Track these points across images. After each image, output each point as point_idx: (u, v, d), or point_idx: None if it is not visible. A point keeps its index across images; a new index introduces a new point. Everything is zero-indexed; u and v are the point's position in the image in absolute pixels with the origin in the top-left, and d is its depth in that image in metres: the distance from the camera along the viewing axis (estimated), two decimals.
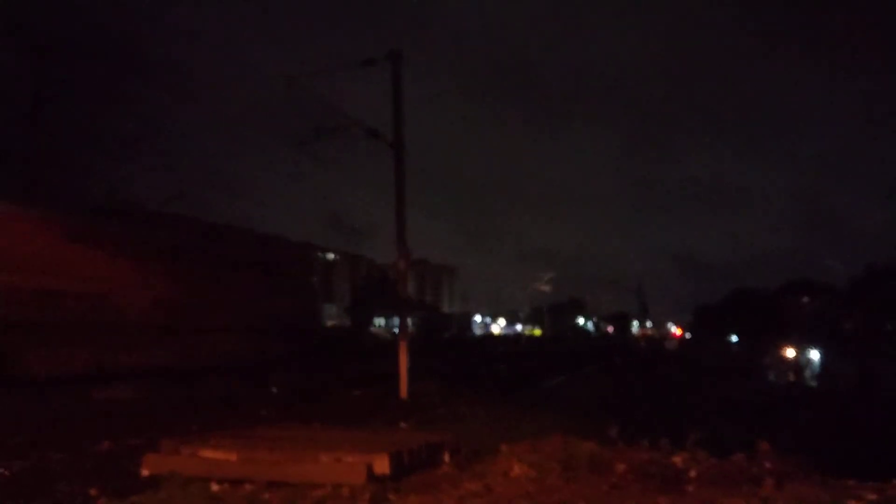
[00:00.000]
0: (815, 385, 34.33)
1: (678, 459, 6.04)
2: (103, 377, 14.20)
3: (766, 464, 5.77)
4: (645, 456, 6.21)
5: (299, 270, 23.37)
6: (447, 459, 6.41)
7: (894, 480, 5.30)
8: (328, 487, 5.45)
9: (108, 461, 6.82)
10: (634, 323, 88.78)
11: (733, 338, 71.12)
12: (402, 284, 15.28)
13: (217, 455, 6.04)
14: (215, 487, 5.58)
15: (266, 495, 5.38)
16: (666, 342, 78.62)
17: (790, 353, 37.98)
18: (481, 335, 76.23)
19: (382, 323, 67.20)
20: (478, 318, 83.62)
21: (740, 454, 6.16)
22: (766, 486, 5.22)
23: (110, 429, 8.48)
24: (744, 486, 5.31)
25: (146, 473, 6.02)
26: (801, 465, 5.99)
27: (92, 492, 5.57)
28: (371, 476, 5.56)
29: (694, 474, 5.68)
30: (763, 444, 6.13)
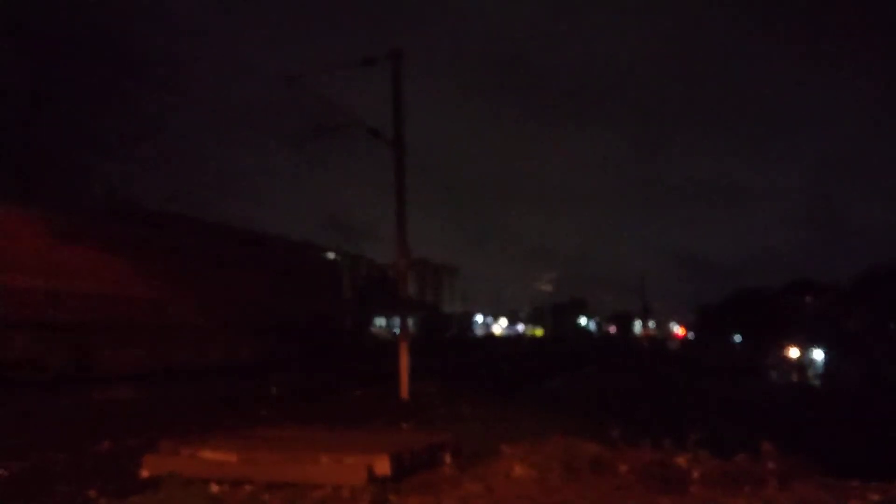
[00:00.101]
0: (818, 385, 34.32)
1: (681, 460, 6.03)
2: (165, 374, 15.84)
3: (770, 464, 5.76)
4: (647, 456, 6.20)
5: (329, 275, 25.26)
6: (448, 460, 6.41)
7: None
8: (328, 488, 5.46)
9: (108, 462, 6.83)
10: (637, 323, 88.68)
11: (737, 337, 71.08)
12: (402, 284, 15.27)
13: (217, 456, 6.04)
14: (215, 488, 5.58)
15: (266, 496, 5.38)
16: (668, 342, 78.51)
17: (793, 353, 37.97)
18: (482, 336, 76.11)
19: (383, 323, 67.20)
20: (479, 319, 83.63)
21: (743, 455, 6.15)
22: (770, 487, 5.22)
23: (110, 429, 8.49)
24: (747, 487, 5.31)
25: (146, 474, 6.02)
26: (804, 465, 5.99)
27: (91, 493, 5.58)
28: (372, 477, 5.56)
29: (697, 475, 5.67)
30: (766, 445, 6.12)
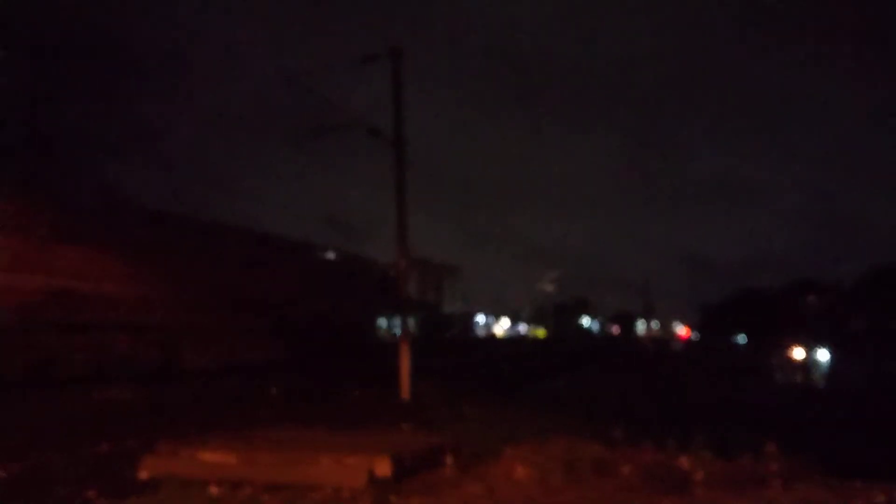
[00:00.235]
0: (822, 385, 34.29)
1: (684, 461, 6.03)
2: (233, 370, 16.93)
3: (773, 465, 5.77)
4: (650, 458, 6.21)
5: (356, 280, 26.33)
6: (449, 461, 6.41)
7: None
8: (329, 490, 5.46)
9: (107, 463, 6.83)
10: (640, 323, 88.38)
11: (740, 338, 70.99)
12: (402, 284, 15.27)
13: (216, 457, 6.04)
14: (214, 490, 5.59)
15: (266, 498, 5.38)
16: (672, 343, 78.24)
17: (798, 353, 37.93)
18: (484, 337, 75.78)
19: (384, 323, 66.91)
20: (481, 319, 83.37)
21: (747, 456, 6.15)
22: (773, 488, 5.22)
23: (109, 430, 8.49)
24: (750, 488, 5.31)
25: (144, 476, 6.03)
26: (808, 466, 6.00)
27: (89, 494, 5.59)
28: (372, 478, 5.56)
29: (700, 476, 5.67)
30: (770, 446, 6.12)
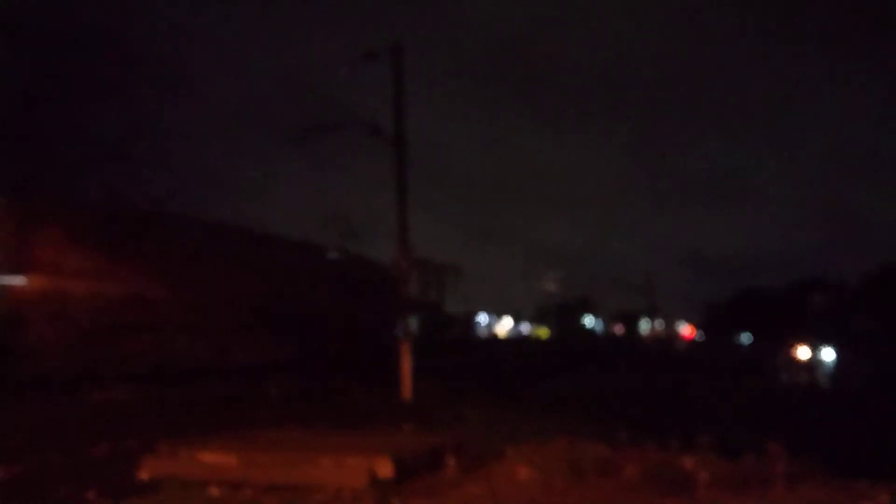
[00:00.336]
0: (828, 385, 34.27)
1: (688, 462, 6.04)
2: (268, 367, 17.50)
3: (778, 466, 5.77)
4: (654, 458, 6.21)
5: (376, 285, 26.74)
6: (451, 462, 6.41)
7: None
8: (330, 491, 5.46)
9: (106, 464, 6.85)
10: (644, 323, 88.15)
11: (744, 337, 70.91)
12: (403, 284, 15.28)
13: (216, 458, 6.05)
14: (214, 491, 5.59)
15: (266, 499, 5.39)
16: (675, 343, 78.02)
17: (802, 353, 37.90)
18: (486, 337, 75.36)
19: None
20: (483, 319, 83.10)
21: (751, 456, 6.16)
22: (778, 489, 5.23)
23: (108, 430, 8.52)
24: (754, 489, 5.32)
25: (144, 477, 6.03)
26: (812, 466, 6.00)
27: (89, 495, 5.60)
28: (373, 479, 5.57)
29: (704, 477, 5.68)
30: (774, 446, 6.13)
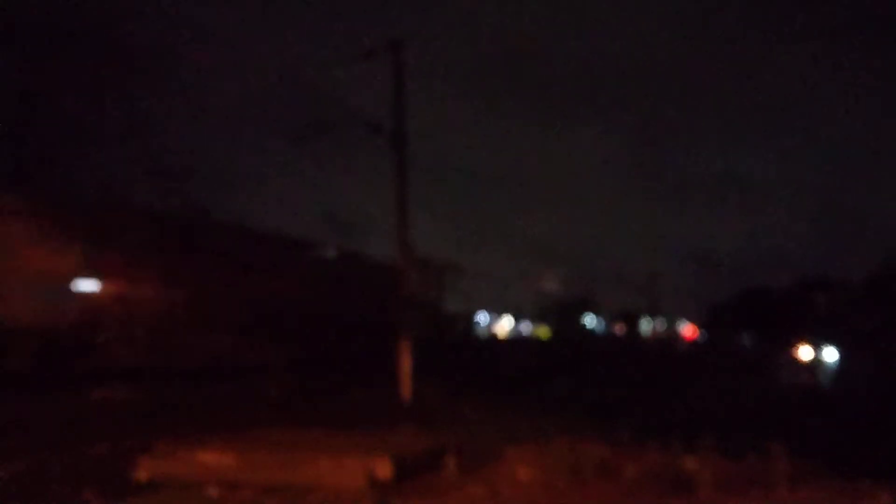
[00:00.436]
0: (831, 385, 34.25)
1: (690, 462, 6.05)
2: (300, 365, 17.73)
3: (780, 466, 5.78)
4: (655, 459, 6.23)
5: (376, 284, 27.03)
6: (451, 463, 6.42)
7: None
8: (328, 492, 5.47)
9: (104, 464, 6.85)
10: (646, 322, 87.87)
11: (748, 337, 70.83)
12: (403, 283, 15.29)
13: (214, 458, 6.06)
14: (212, 492, 5.60)
15: (265, 499, 5.40)
16: (677, 344, 77.78)
17: (805, 352, 37.89)
18: (485, 337, 74.91)
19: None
20: (482, 318, 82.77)
21: (753, 457, 6.16)
22: (780, 490, 5.24)
23: (107, 430, 8.53)
24: (756, 490, 5.33)
25: (142, 477, 6.04)
26: (815, 467, 6.01)
27: (87, 495, 5.60)
28: (372, 480, 5.58)
29: (706, 478, 5.69)
30: (776, 447, 6.14)
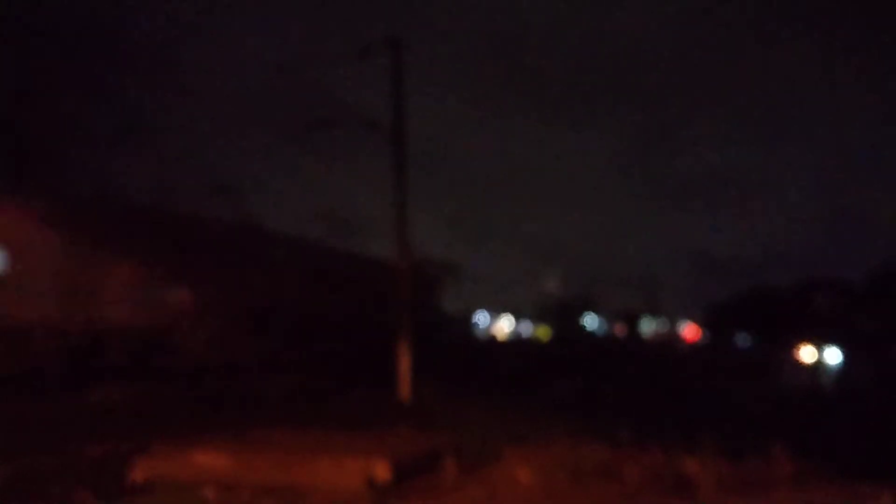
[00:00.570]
0: (833, 387, 34.28)
1: (691, 464, 6.04)
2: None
3: (782, 468, 5.78)
4: (657, 460, 6.22)
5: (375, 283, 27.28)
6: (450, 464, 6.42)
7: None
8: (326, 493, 5.47)
9: (100, 465, 6.84)
10: (647, 322, 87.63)
11: (750, 338, 70.82)
12: (402, 283, 15.27)
13: (210, 459, 6.06)
14: (209, 493, 5.60)
15: (262, 501, 5.40)
16: (678, 345, 77.56)
17: (807, 353, 37.94)
18: (484, 338, 74.63)
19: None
20: (482, 318, 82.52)
21: (755, 458, 6.16)
22: (782, 491, 5.24)
23: (103, 430, 8.52)
24: (758, 491, 5.33)
25: (137, 478, 6.04)
26: (817, 469, 6.01)
27: (82, 497, 5.60)
28: (371, 481, 5.58)
29: (708, 479, 5.69)
30: (778, 448, 6.14)
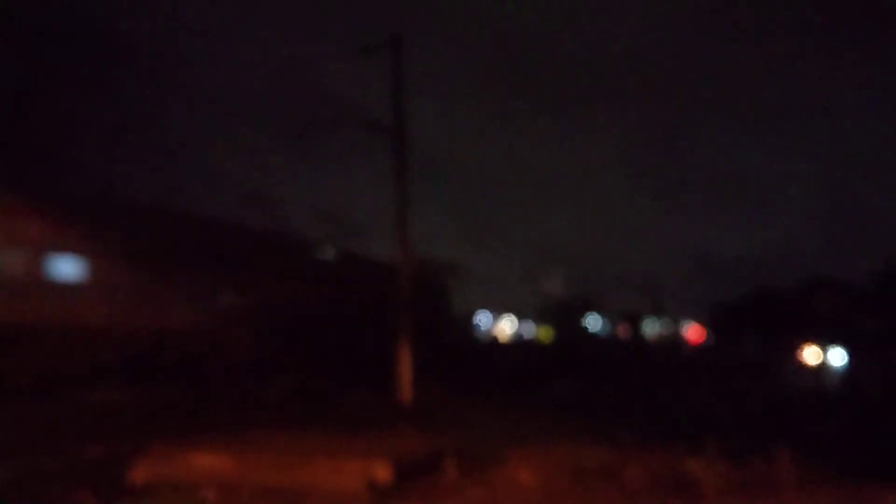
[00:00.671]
0: (837, 388, 34.21)
1: (694, 466, 6.03)
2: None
3: (786, 470, 5.76)
4: (658, 462, 6.21)
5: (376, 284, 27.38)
6: (451, 466, 6.41)
7: None
8: (327, 494, 5.47)
9: (101, 466, 6.84)
10: (650, 323, 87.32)
11: (754, 338, 70.64)
12: (404, 283, 15.24)
13: (210, 461, 6.05)
14: (210, 494, 5.59)
15: (262, 503, 5.39)
16: (682, 347, 77.14)
17: (812, 354, 37.86)
18: (486, 339, 74.26)
19: None
20: (483, 319, 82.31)
21: (759, 460, 6.15)
22: (786, 493, 5.22)
23: (104, 432, 8.51)
24: (762, 493, 5.32)
25: (137, 480, 6.03)
26: (821, 470, 5.99)
27: (82, 498, 5.60)
28: (371, 483, 5.57)
29: (711, 481, 5.67)
30: (782, 450, 6.12)
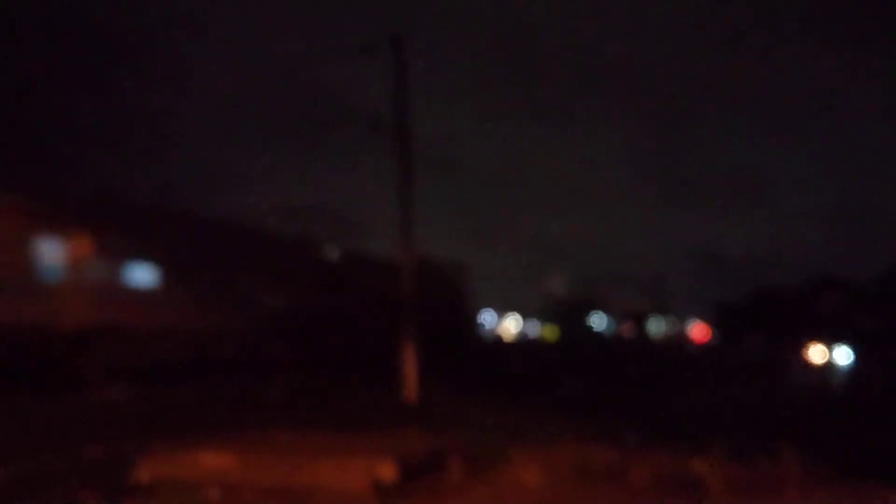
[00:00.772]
0: (842, 388, 34.17)
1: (699, 466, 6.05)
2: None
3: (791, 470, 5.78)
4: (663, 462, 6.23)
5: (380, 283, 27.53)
6: (455, 465, 6.43)
7: None
8: (331, 494, 5.49)
9: (103, 466, 6.88)
10: (655, 322, 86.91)
11: (759, 338, 70.55)
12: (407, 283, 15.28)
13: (214, 460, 6.08)
14: (213, 494, 5.62)
15: (266, 503, 5.41)
16: (686, 346, 76.95)
17: (817, 354, 37.83)
18: (490, 338, 74.07)
19: None
20: (488, 318, 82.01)
21: (763, 460, 6.17)
22: (790, 493, 5.24)
23: (106, 431, 8.55)
24: (767, 493, 5.33)
25: (141, 479, 6.06)
26: (825, 470, 6.01)
27: (85, 498, 5.63)
28: (376, 482, 5.59)
29: (715, 482, 5.69)
30: (787, 450, 6.13)
